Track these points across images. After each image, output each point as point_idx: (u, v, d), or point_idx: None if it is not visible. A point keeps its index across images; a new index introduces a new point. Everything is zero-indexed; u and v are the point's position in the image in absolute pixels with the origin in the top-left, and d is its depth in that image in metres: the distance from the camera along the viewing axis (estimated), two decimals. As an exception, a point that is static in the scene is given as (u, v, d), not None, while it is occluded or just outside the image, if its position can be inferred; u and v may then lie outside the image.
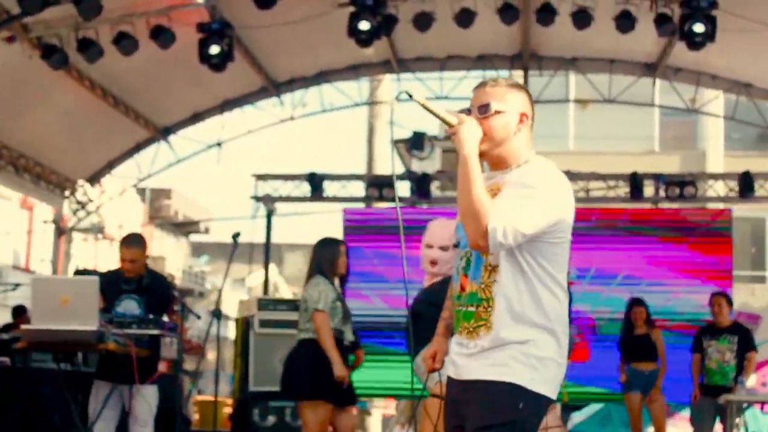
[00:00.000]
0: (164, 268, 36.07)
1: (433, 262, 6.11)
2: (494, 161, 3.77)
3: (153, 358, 7.54)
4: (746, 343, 10.49)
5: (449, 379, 3.85)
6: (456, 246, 3.88)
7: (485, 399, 3.63)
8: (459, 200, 3.60)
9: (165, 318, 7.67)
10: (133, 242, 7.69)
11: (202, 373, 34.23)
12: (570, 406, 16.36)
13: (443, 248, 6.09)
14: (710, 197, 14.66)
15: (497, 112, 3.69)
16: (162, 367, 8.08)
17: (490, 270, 3.67)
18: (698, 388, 10.52)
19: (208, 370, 35.61)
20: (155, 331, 7.37)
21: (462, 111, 3.75)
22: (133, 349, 7.17)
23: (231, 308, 32.77)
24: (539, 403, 3.63)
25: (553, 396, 3.69)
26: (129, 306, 7.54)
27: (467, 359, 3.73)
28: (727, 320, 10.64)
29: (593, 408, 16.42)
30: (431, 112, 3.76)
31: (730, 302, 10.74)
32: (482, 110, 3.70)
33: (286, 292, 38.76)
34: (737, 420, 10.02)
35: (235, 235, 7.36)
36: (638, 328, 10.94)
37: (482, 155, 3.68)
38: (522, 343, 3.60)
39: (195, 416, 15.86)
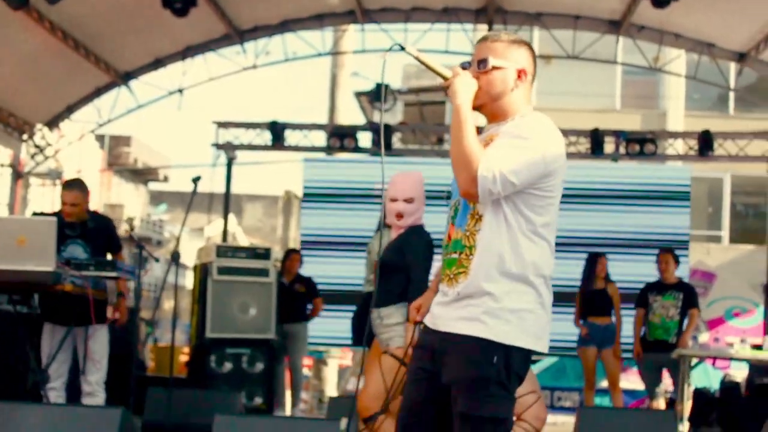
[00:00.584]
0: (122, 215, 35.88)
1: (399, 215, 6.11)
2: (491, 115, 3.83)
3: (105, 299, 7.55)
4: (690, 301, 10.71)
5: (424, 326, 3.90)
6: (448, 197, 3.90)
7: (460, 354, 3.68)
8: (451, 149, 3.64)
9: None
10: (75, 186, 7.63)
11: (158, 321, 34.23)
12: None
13: (408, 200, 6.10)
14: (670, 155, 14.75)
15: (495, 68, 3.75)
16: (110, 312, 8.04)
17: (476, 218, 3.71)
18: (639, 343, 10.76)
19: (165, 319, 35.59)
20: (113, 274, 7.34)
21: (462, 64, 3.80)
22: (90, 290, 7.15)
23: (189, 258, 32.65)
24: (517, 356, 3.67)
25: (536, 347, 3.72)
26: (75, 251, 7.50)
27: (444, 308, 3.77)
28: (674, 277, 10.85)
29: (548, 361, 16.59)
30: (425, 64, 3.78)
31: (676, 260, 10.91)
32: (480, 65, 3.76)
33: (244, 242, 38.66)
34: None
35: (196, 179, 7.31)
36: (598, 282, 11.02)
37: (479, 109, 3.76)
38: (495, 296, 3.64)
39: (151, 363, 15.88)
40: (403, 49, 3.74)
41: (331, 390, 19.35)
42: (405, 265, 6.02)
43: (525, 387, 5.42)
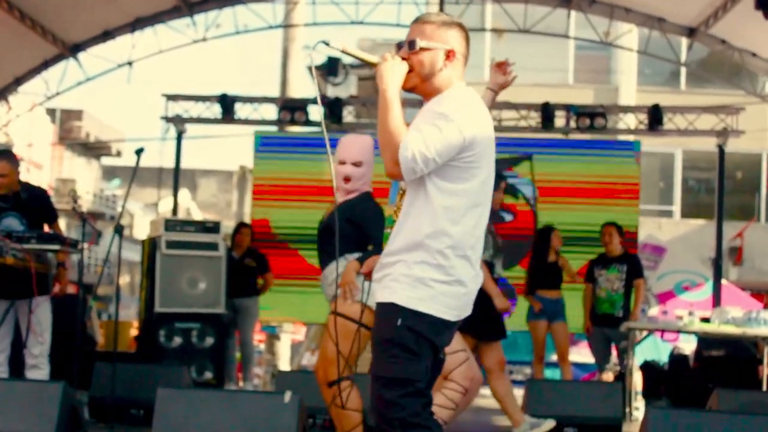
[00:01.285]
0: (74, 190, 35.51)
1: (347, 179, 6.01)
2: (424, 95, 3.98)
3: (47, 272, 7.45)
4: (634, 271, 10.81)
5: None
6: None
7: (375, 320, 3.85)
8: (378, 133, 3.77)
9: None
10: (3, 156, 7.48)
11: (112, 297, 33.98)
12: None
13: (356, 164, 6.00)
14: (620, 129, 14.78)
15: (423, 49, 3.90)
16: (71, 288, 7.96)
17: (401, 194, 3.90)
18: (589, 319, 10.86)
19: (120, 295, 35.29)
20: (56, 247, 7.25)
21: (398, 44, 3.96)
22: (33, 263, 7.05)
23: (144, 233, 32.43)
24: (424, 321, 3.76)
25: (447, 317, 3.81)
26: (11, 224, 7.36)
27: (375, 284, 3.96)
28: (618, 250, 10.95)
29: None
30: (352, 55, 3.94)
31: (621, 233, 10.97)
32: (410, 46, 3.92)
33: (198, 218, 38.48)
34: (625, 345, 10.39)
35: (138, 151, 7.21)
36: (550, 255, 10.98)
37: (413, 90, 3.94)
38: (408, 263, 3.78)
39: (101, 339, 15.76)
40: (327, 44, 3.88)
41: (284, 365, 19.32)
42: (354, 233, 5.89)
43: (453, 345, 5.35)
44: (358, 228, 5.85)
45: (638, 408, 10.63)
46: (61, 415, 5.71)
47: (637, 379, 11.16)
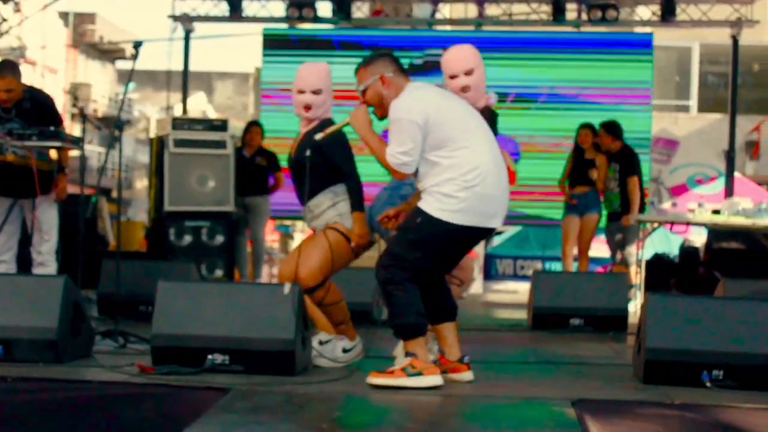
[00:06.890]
0: (90, 95, 35.50)
1: (307, 107, 6.05)
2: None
3: (50, 170, 7.44)
4: (627, 169, 10.58)
5: None
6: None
7: None
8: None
9: None
10: (6, 70, 7.30)
11: (131, 200, 34.18)
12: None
13: (315, 92, 6.02)
14: (633, 21, 14.55)
15: (366, 89, 5.37)
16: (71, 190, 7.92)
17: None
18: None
19: (135, 199, 35.52)
20: (56, 144, 7.22)
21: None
22: (34, 161, 7.05)
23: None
24: None
25: None
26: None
27: None
28: (613, 148, 10.67)
29: (511, 231, 16.68)
30: (333, 132, 5.68)
31: (611, 132, 10.71)
32: (362, 93, 5.40)
33: (215, 120, 38.41)
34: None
35: (137, 44, 7.11)
36: (587, 152, 10.82)
37: (384, 115, 5.34)
38: None
39: (113, 239, 15.89)
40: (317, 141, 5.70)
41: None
42: (323, 162, 5.89)
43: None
44: (325, 157, 5.88)
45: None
46: (64, 308, 5.72)
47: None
